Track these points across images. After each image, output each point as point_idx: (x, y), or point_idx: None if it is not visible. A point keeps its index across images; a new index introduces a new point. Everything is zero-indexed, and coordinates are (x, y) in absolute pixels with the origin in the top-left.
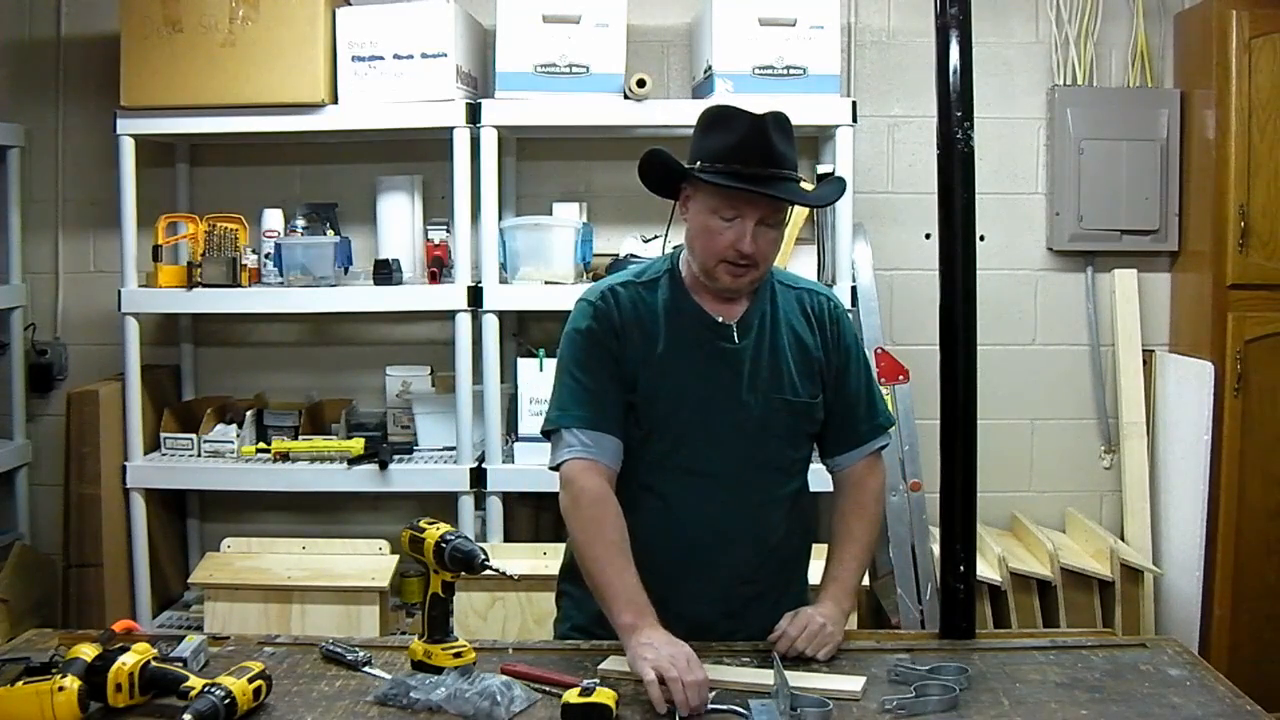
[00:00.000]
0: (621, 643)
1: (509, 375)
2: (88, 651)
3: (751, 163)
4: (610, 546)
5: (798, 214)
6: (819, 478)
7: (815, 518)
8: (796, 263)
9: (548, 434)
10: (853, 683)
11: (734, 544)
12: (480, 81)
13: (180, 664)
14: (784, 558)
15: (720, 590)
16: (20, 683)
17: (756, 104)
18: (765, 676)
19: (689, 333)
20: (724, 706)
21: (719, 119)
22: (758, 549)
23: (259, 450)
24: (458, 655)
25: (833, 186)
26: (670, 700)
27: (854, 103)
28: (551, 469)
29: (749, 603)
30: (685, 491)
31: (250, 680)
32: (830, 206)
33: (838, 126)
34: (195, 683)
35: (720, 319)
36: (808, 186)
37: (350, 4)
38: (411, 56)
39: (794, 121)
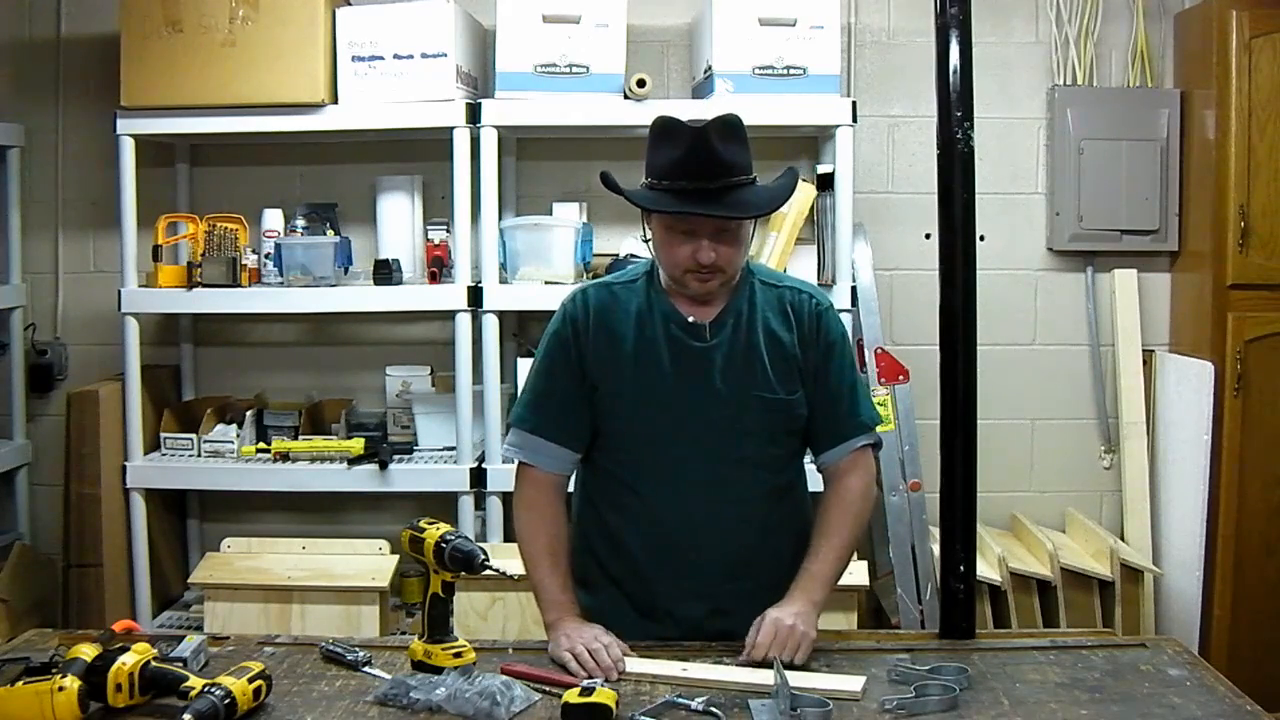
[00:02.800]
0: (548, 634)
1: (509, 375)
2: (88, 651)
3: (697, 177)
4: (538, 549)
5: (797, 213)
6: (817, 476)
7: (808, 515)
8: (796, 263)
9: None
10: (853, 683)
11: (715, 541)
12: (480, 81)
13: (180, 664)
14: (773, 555)
15: (706, 587)
16: (20, 683)
17: (756, 104)
18: (765, 676)
19: (660, 332)
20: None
21: (665, 133)
22: (741, 545)
23: (259, 450)
24: (458, 655)
25: (781, 183)
26: (590, 675)
27: (854, 103)
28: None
29: (740, 600)
30: (664, 489)
31: (250, 680)
32: (824, 199)
33: (838, 126)
34: (195, 683)
35: (692, 318)
36: (807, 187)
37: (350, 4)
38: (411, 56)
39: (794, 121)
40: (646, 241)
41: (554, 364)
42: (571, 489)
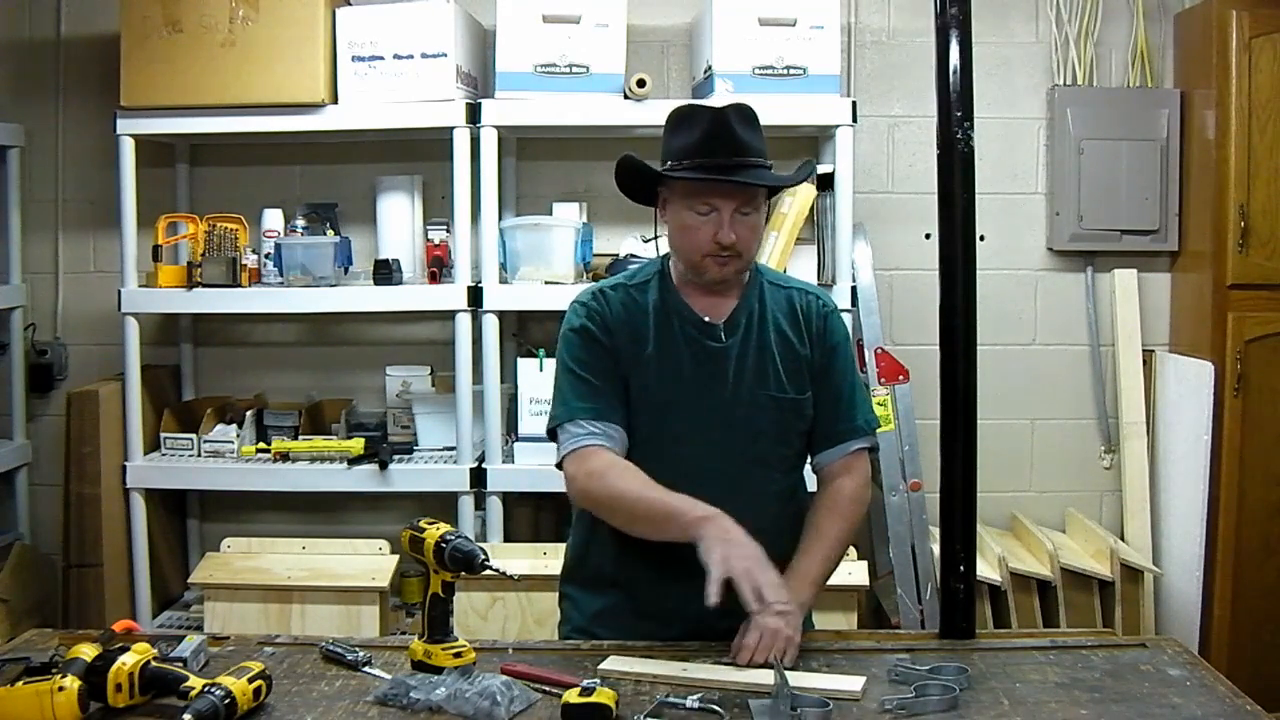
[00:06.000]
0: (697, 536)
1: (509, 375)
2: (88, 651)
3: (719, 154)
4: (646, 484)
5: (797, 213)
6: (812, 477)
7: None
8: (796, 263)
9: (553, 434)
10: (853, 683)
11: None
12: (480, 81)
13: (180, 664)
14: (782, 555)
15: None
16: (20, 683)
17: (756, 104)
18: (765, 676)
19: (677, 332)
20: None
21: (683, 118)
22: None
23: (259, 450)
24: (458, 655)
25: (801, 168)
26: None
27: (854, 103)
28: (557, 466)
29: None
30: (676, 489)
31: (250, 680)
32: (824, 199)
33: (838, 126)
34: (195, 683)
35: (707, 318)
36: (807, 186)
37: (350, 4)
38: (411, 56)
39: (794, 121)
40: (647, 241)
41: (590, 353)
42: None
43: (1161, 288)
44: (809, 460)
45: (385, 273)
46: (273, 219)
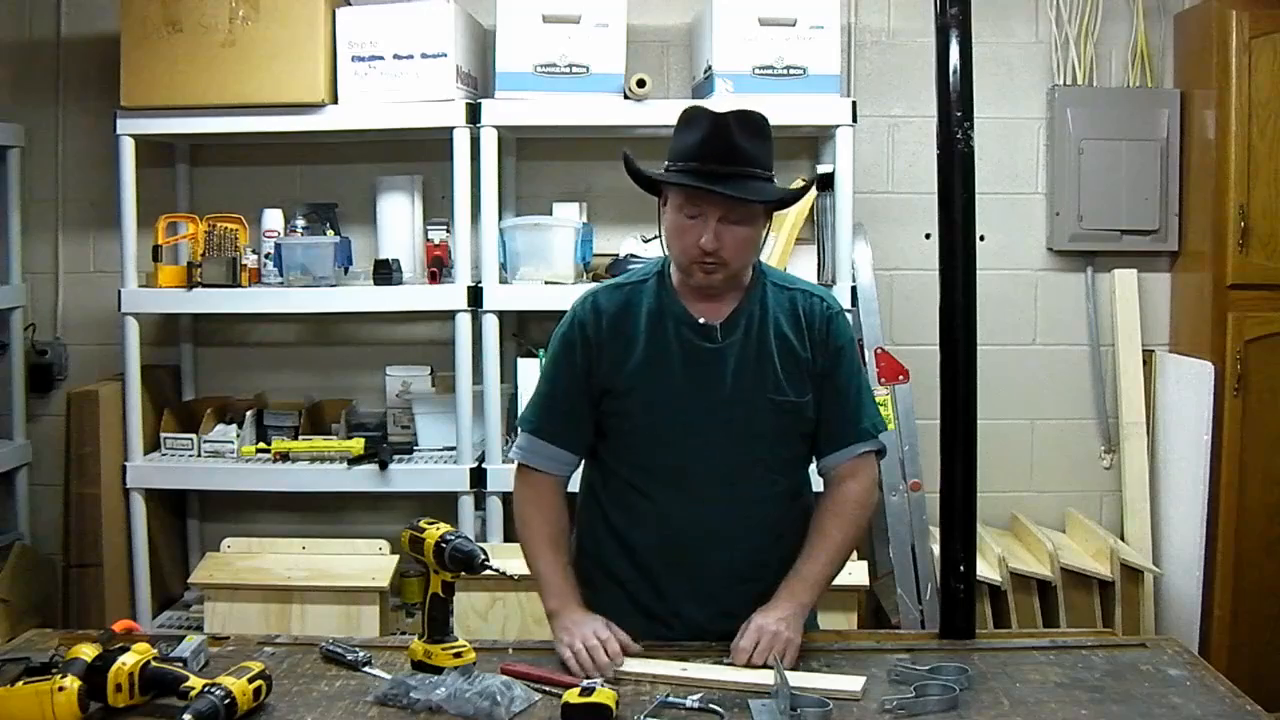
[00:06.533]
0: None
1: (509, 375)
2: (88, 651)
3: (711, 160)
4: (538, 542)
5: (797, 214)
6: (818, 478)
7: None
8: (796, 263)
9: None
10: (853, 683)
11: (726, 543)
12: (480, 81)
13: (180, 664)
14: (782, 558)
15: (715, 590)
16: (20, 683)
17: (756, 104)
18: (765, 676)
19: (671, 334)
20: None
21: (689, 120)
22: (752, 548)
23: (259, 450)
24: (458, 655)
25: (796, 189)
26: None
27: (854, 103)
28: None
29: (749, 602)
30: (673, 491)
31: (250, 680)
32: (824, 199)
33: (838, 126)
34: (195, 683)
35: (703, 320)
36: (799, 183)
37: (350, 4)
38: (411, 56)
39: (794, 121)
40: (647, 241)
41: (559, 367)
42: (575, 488)
43: (1161, 288)
44: (815, 463)
45: (385, 273)
46: (273, 219)
